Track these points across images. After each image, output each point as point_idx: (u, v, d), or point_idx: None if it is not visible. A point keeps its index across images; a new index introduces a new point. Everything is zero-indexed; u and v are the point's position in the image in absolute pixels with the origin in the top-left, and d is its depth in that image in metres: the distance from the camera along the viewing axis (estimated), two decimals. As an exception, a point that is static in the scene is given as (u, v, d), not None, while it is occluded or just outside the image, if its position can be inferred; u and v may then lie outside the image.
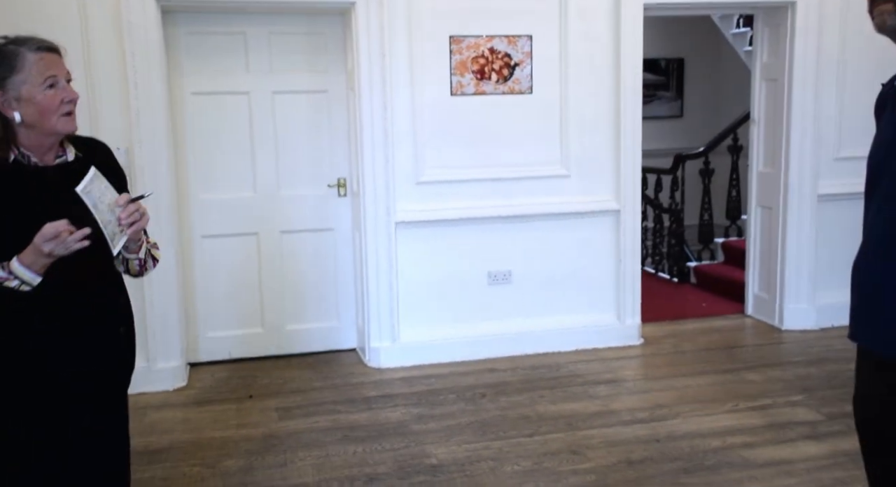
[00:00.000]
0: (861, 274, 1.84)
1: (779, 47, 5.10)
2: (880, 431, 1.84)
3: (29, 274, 1.86)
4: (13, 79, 1.92)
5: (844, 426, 3.66)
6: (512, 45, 4.59)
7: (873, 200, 1.84)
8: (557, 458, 3.45)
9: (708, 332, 5.27)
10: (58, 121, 1.96)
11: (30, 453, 2.01)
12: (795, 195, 5.10)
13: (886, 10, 1.65)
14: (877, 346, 1.78)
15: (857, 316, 1.86)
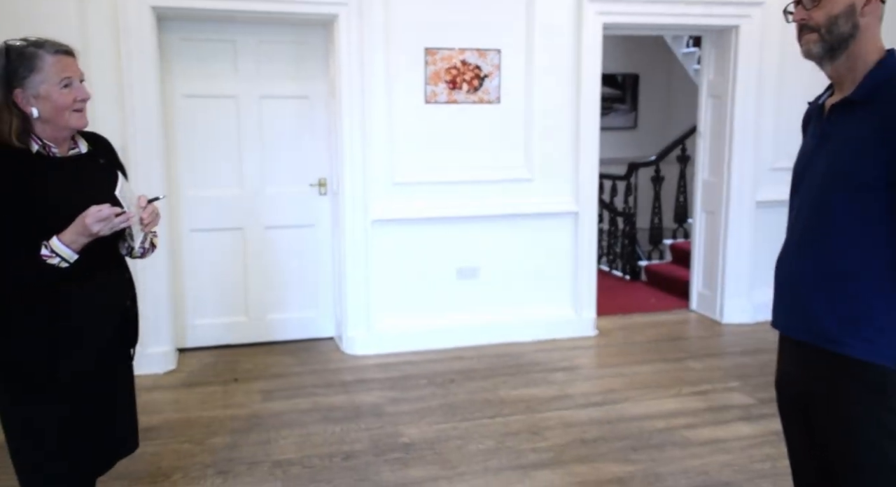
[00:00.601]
0: (781, 269, 1.94)
1: (724, 67, 5.20)
2: (797, 406, 1.94)
3: (68, 252, 1.91)
4: (32, 78, 1.96)
5: (775, 409, 3.67)
6: (482, 57, 4.65)
7: (792, 206, 1.94)
8: (518, 438, 3.51)
9: (656, 325, 5.36)
10: (70, 116, 2.01)
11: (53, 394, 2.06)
12: (736, 201, 5.21)
13: (812, 40, 1.76)
14: (795, 332, 1.88)
15: (777, 306, 1.96)
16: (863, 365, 1.73)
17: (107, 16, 4.01)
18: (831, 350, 1.77)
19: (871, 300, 1.73)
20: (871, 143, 1.67)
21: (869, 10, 1.71)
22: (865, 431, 1.75)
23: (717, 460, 3.28)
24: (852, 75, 1.75)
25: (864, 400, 1.74)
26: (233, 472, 3.18)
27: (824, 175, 1.79)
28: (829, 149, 1.79)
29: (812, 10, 1.74)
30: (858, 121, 1.71)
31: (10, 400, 2.07)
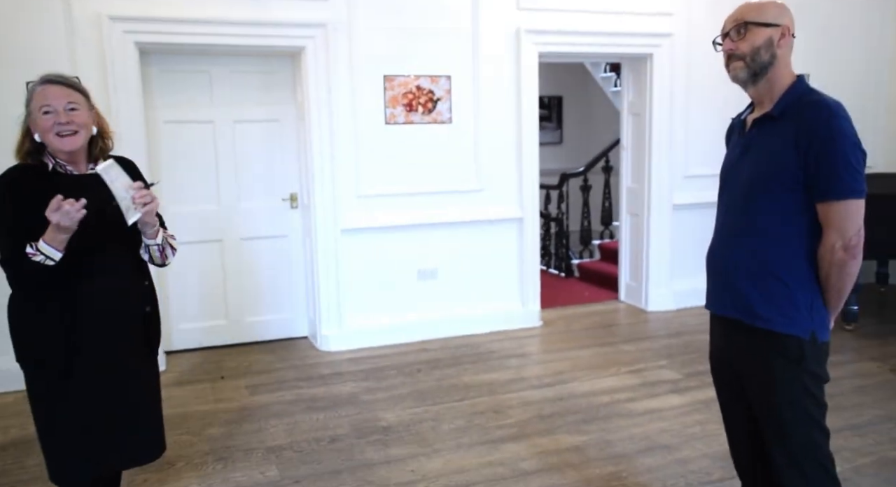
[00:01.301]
0: (713, 259, 2.08)
1: (641, 89, 5.41)
2: (729, 375, 2.09)
3: (50, 249, 1.92)
4: (29, 107, 2.05)
5: (699, 382, 3.96)
6: (435, 83, 4.75)
7: (720, 205, 2.08)
8: (484, 416, 3.59)
9: (591, 315, 5.51)
10: (53, 139, 2.03)
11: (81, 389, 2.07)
12: (656, 205, 5.42)
13: (738, 67, 1.92)
14: (726, 311, 2.02)
15: (710, 290, 2.10)
16: (784, 338, 1.88)
17: (95, 51, 3.96)
18: (758, 326, 1.91)
19: (789, 283, 1.88)
20: (787, 151, 1.82)
21: (783, 43, 1.88)
22: (788, 391, 1.90)
23: (656, 427, 3.43)
24: (770, 95, 1.91)
25: (786, 366, 1.88)
26: (231, 458, 3.18)
27: (748, 178, 1.92)
28: (752, 157, 1.93)
29: (738, 42, 1.88)
30: (776, 133, 1.86)
31: (35, 392, 2.10)
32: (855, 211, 1.80)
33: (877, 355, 4.39)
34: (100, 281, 2.05)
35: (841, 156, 1.77)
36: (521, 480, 2.94)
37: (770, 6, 1.88)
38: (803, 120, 1.80)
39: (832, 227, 1.81)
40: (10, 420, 3.64)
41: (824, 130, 1.77)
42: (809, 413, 1.90)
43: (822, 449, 1.93)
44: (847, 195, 1.78)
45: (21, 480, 3.01)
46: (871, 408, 3.58)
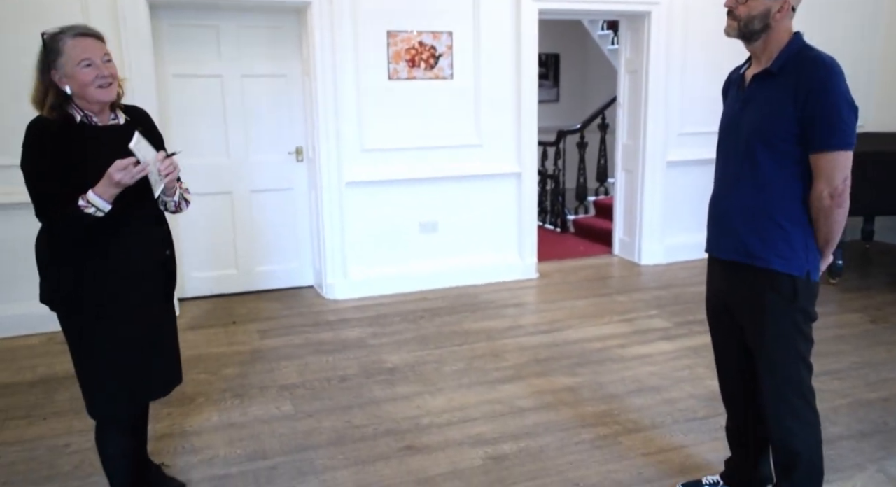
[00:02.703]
0: (715, 206, 2.19)
1: (638, 47, 5.46)
2: (725, 313, 2.23)
3: (101, 202, 1.99)
4: (59, 60, 2.03)
5: (688, 330, 4.13)
6: (437, 39, 4.78)
7: (720, 155, 2.18)
8: (483, 360, 3.76)
9: (586, 268, 5.65)
10: (95, 91, 2.06)
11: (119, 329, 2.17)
12: (650, 162, 5.51)
13: (732, 26, 2.02)
14: (726, 254, 2.14)
15: (711, 235, 2.21)
16: (780, 276, 2.00)
17: (107, 5, 4.00)
18: (756, 265, 2.02)
19: (785, 226, 1.99)
20: (785, 105, 1.91)
21: (780, 15, 1.95)
22: (780, 326, 2.03)
23: (645, 370, 3.59)
24: (768, 52, 1.99)
25: (780, 303, 2.01)
26: (247, 395, 3.34)
27: (748, 130, 2.01)
28: (752, 110, 2.01)
29: (739, 5, 1.96)
30: (775, 87, 1.95)
31: (75, 329, 2.18)
32: (843, 162, 1.89)
33: (858, 307, 4.55)
34: (126, 228, 2.13)
35: (835, 111, 1.86)
36: (519, 416, 3.11)
37: None
38: (802, 76, 1.88)
39: (821, 176, 1.91)
40: (37, 359, 3.80)
41: (821, 86, 1.85)
42: (798, 348, 2.05)
43: (805, 382, 2.08)
44: (838, 147, 1.88)
45: (53, 412, 3.17)
46: (849, 356, 3.75)
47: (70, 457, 2.79)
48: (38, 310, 4.18)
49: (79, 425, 3.04)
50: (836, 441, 2.85)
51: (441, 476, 2.64)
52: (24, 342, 4.06)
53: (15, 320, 4.13)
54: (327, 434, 2.97)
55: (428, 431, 2.98)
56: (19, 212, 4.06)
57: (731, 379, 2.33)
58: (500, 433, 2.96)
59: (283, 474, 2.67)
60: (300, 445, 2.88)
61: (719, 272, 2.21)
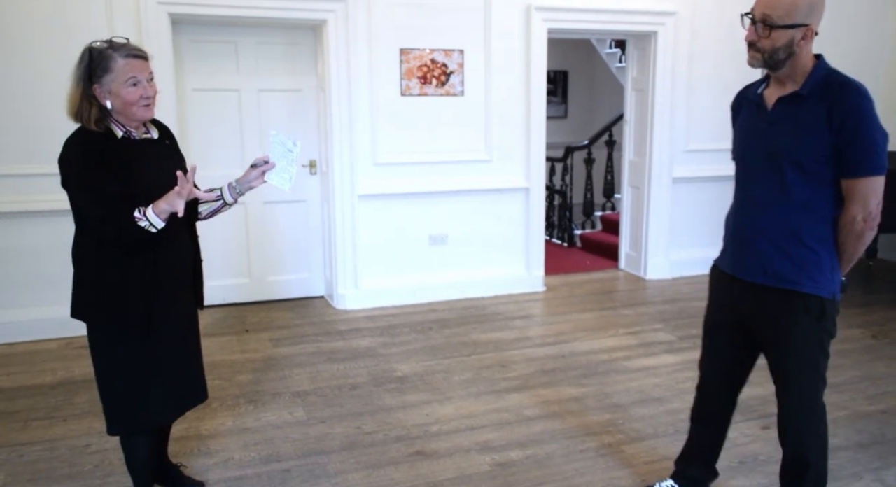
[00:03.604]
0: (738, 224, 2.18)
1: (645, 66, 5.56)
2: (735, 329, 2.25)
3: (156, 219, 2.09)
4: (106, 77, 2.10)
5: (692, 344, 4.20)
6: (448, 56, 4.91)
7: (742, 175, 2.18)
8: (491, 370, 3.84)
9: (592, 282, 5.74)
10: (138, 110, 2.14)
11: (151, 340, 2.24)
12: (656, 178, 5.60)
13: (756, 57, 2.00)
14: (750, 276, 2.12)
15: (731, 253, 2.19)
16: (809, 298, 2.02)
17: (131, 21, 4.15)
18: (786, 287, 2.03)
19: (815, 248, 2.01)
20: (819, 128, 1.92)
21: (804, 42, 1.96)
22: (806, 348, 2.07)
23: (650, 382, 3.67)
24: (793, 76, 2.00)
25: (808, 323, 2.03)
26: (261, 401, 3.44)
27: (776, 151, 2.01)
28: (781, 132, 2.01)
29: (761, 38, 1.96)
30: (807, 110, 1.95)
31: (106, 341, 2.24)
32: (878, 186, 1.93)
33: (861, 322, 4.62)
34: (168, 241, 2.20)
35: (869, 136, 1.89)
36: (526, 424, 3.19)
37: (801, 5, 1.91)
38: (836, 101, 1.91)
39: (856, 200, 1.94)
40: (56, 363, 3.90)
41: (856, 112, 1.89)
42: (819, 365, 2.10)
43: (822, 398, 2.16)
44: (873, 172, 1.91)
45: (73, 414, 3.28)
46: (850, 369, 3.82)
47: (90, 457, 2.89)
48: (55, 315, 4.33)
49: (98, 426, 3.13)
50: (835, 452, 2.91)
51: (450, 480, 2.72)
52: (44, 346, 4.17)
53: (35, 324, 4.24)
54: (339, 439, 3.06)
55: (437, 438, 3.07)
56: (39, 220, 4.20)
57: (713, 394, 2.40)
58: (508, 440, 3.04)
59: (297, 477, 2.75)
60: (312, 449, 2.97)
61: (736, 291, 2.19)
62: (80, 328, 4.35)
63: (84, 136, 2.14)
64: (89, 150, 2.11)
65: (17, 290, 4.23)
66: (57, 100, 4.09)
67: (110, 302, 2.18)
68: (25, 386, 3.62)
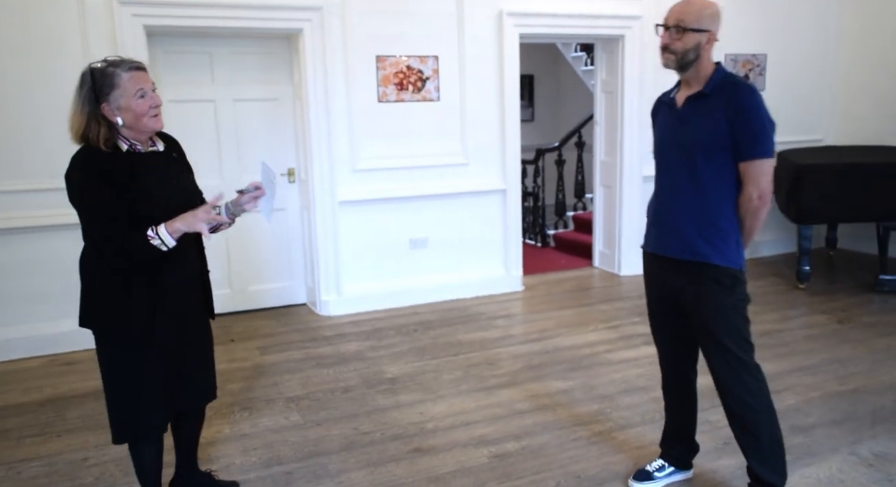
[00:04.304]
0: (658, 210, 2.49)
1: (613, 68, 5.74)
2: (668, 302, 2.52)
3: (169, 239, 2.13)
4: (113, 94, 2.14)
5: None
6: (423, 63, 5.02)
7: (661, 167, 2.50)
8: (479, 368, 3.94)
9: (569, 280, 5.89)
10: (149, 120, 2.19)
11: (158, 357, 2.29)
12: (627, 177, 5.77)
13: (670, 59, 2.38)
14: (672, 252, 2.41)
15: (654, 235, 2.52)
16: (720, 269, 2.32)
17: (107, 34, 4.15)
18: (700, 260, 2.34)
19: (723, 225, 2.32)
20: (719, 120, 2.26)
21: (708, 46, 2.33)
22: (722, 309, 2.35)
23: (633, 372, 3.82)
24: (698, 78, 2.36)
25: (722, 291, 2.34)
26: (254, 408, 3.48)
27: (689, 143, 2.33)
28: (690, 126, 2.35)
29: (674, 40, 2.31)
30: (710, 106, 2.32)
31: (112, 350, 2.28)
32: (768, 168, 2.27)
33: (826, 309, 4.84)
34: (174, 253, 2.22)
35: (759, 126, 2.24)
36: (518, 418, 3.30)
37: (706, 13, 2.29)
38: (732, 97, 2.26)
39: (751, 181, 2.27)
40: (42, 381, 3.89)
41: (748, 106, 2.23)
42: (740, 328, 2.37)
43: (751, 359, 2.40)
44: (763, 155, 2.26)
45: (66, 429, 3.28)
46: (819, 353, 4.02)
47: (90, 470, 2.91)
48: (37, 333, 4.32)
49: (94, 440, 3.15)
50: (812, 430, 3.09)
51: (450, 474, 2.82)
52: (26, 364, 4.15)
53: (15, 343, 4.21)
54: (337, 440, 3.13)
55: (433, 434, 3.16)
56: (18, 238, 4.18)
57: (670, 365, 2.65)
58: (502, 433, 3.15)
59: (300, 478, 2.82)
60: (312, 451, 3.03)
61: (663, 268, 2.49)
62: (63, 345, 4.40)
63: (89, 152, 2.17)
64: (95, 166, 2.15)
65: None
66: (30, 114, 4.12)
67: (115, 314, 2.23)
68: (13, 404, 3.60)
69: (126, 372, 2.28)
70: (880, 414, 3.23)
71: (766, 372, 3.73)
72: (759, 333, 4.33)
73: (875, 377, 3.66)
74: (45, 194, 4.10)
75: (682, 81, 2.41)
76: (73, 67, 4.11)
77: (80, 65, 4.09)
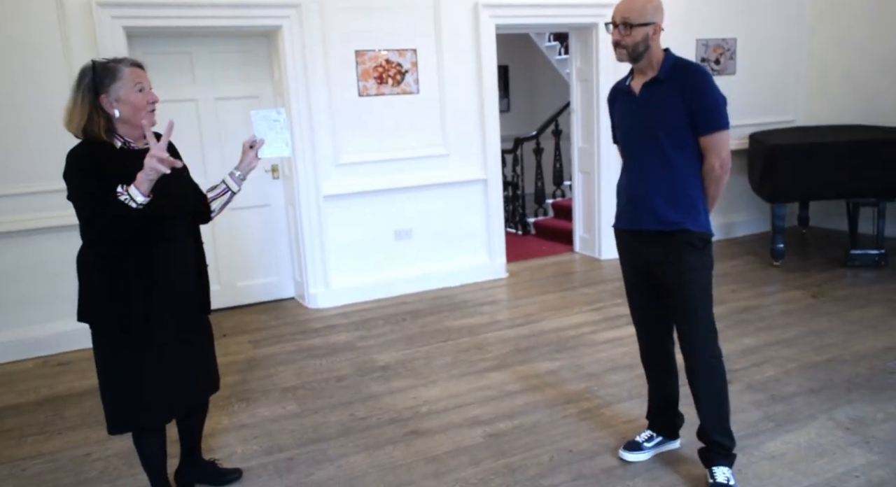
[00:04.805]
0: (629, 188, 2.61)
1: (588, 57, 5.85)
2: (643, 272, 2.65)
3: (137, 193, 2.11)
4: (114, 85, 2.22)
5: None
6: (402, 56, 5.08)
7: (627, 148, 2.63)
8: (468, 353, 4.04)
9: (551, 265, 5.99)
10: (145, 115, 2.26)
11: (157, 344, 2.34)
12: (605, 163, 5.88)
13: (622, 53, 2.52)
14: (645, 226, 2.54)
15: (626, 213, 2.64)
16: (692, 234, 2.48)
17: (87, 36, 4.16)
18: (675, 229, 2.47)
19: (692, 195, 2.48)
20: (676, 101, 2.42)
21: (656, 36, 2.46)
22: (692, 270, 2.50)
23: (618, 351, 3.94)
24: (651, 65, 2.51)
25: (695, 254, 2.49)
26: (251, 399, 3.55)
27: (652, 125, 2.48)
28: (650, 109, 2.50)
29: (624, 37, 2.45)
30: (666, 89, 2.46)
31: (107, 344, 2.32)
32: (726, 139, 2.45)
33: (800, 285, 5.00)
34: (169, 246, 2.30)
35: (713, 102, 2.41)
36: (509, 398, 3.40)
37: (648, 7, 2.43)
38: (685, 79, 2.43)
39: (712, 152, 2.45)
40: (37, 382, 3.92)
41: (701, 86, 2.41)
42: (708, 289, 2.53)
43: (712, 318, 2.55)
44: (722, 128, 2.43)
45: (66, 427, 3.33)
46: (796, 327, 4.17)
47: (94, 464, 2.96)
48: (30, 335, 4.35)
49: (95, 436, 3.20)
50: (791, 398, 3.23)
51: (447, 453, 2.91)
52: (20, 366, 4.17)
53: (8, 346, 4.23)
54: (335, 426, 3.21)
55: (428, 417, 3.25)
56: (7, 242, 4.19)
57: (647, 336, 2.78)
58: (495, 414, 3.24)
59: (301, 463, 2.89)
60: (311, 438, 3.11)
61: (638, 242, 2.61)
62: (56, 346, 4.43)
63: (85, 148, 2.23)
64: (88, 161, 2.20)
65: (-12, 312, 4.22)
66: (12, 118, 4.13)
67: (112, 309, 2.27)
68: (10, 405, 3.63)
69: (123, 366, 2.32)
70: (855, 382, 3.38)
71: (746, 346, 3.91)
72: (737, 310, 4.49)
73: (849, 347, 3.82)
74: (31, 197, 4.13)
75: (635, 70, 2.56)
76: (54, 70, 4.19)
77: (62, 68, 4.17)
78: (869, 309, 4.42)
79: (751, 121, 6.34)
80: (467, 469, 2.78)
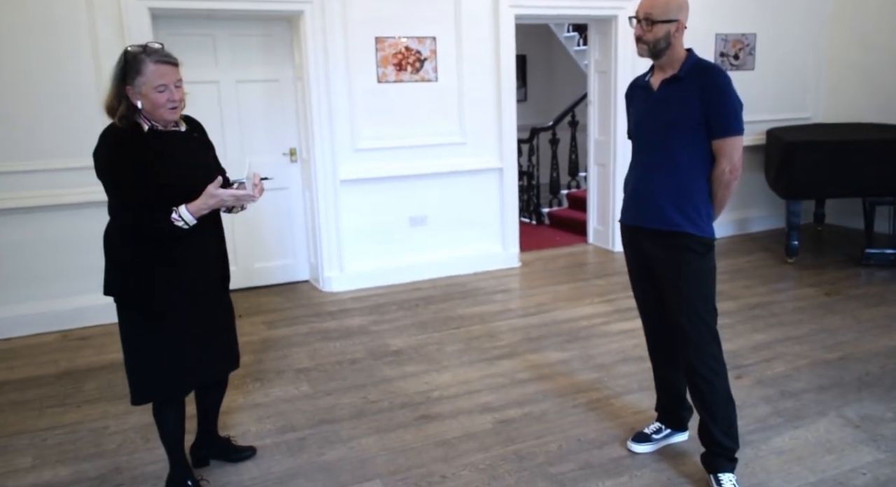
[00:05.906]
0: (636, 184, 2.58)
1: (606, 48, 5.81)
2: (646, 270, 2.63)
3: (190, 218, 2.25)
4: (137, 80, 2.23)
5: None
6: (421, 44, 5.06)
7: (638, 145, 2.60)
8: (480, 340, 4.05)
9: (564, 256, 5.99)
10: (164, 112, 2.28)
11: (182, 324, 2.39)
12: (621, 156, 5.83)
13: (643, 49, 2.50)
14: (650, 224, 2.52)
15: (631, 208, 2.62)
16: (694, 238, 2.44)
17: (113, 17, 4.19)
18: (676, 230, 2.45)
19: (696, 198, 2.44)
20: (693, 101, 2.38)
21: (678, 34, 2.43)
22: (692, 275, 2.47)
23: (629, 343, 3.93)
24: (671, 63, 2.47)
25: (693, 258, 2.46)
26: (265, 379, 3.58)
27: (665, 122, 2.44)
28: (667, 106, 2.46)
29: (646, 32, 2.42)
30: (684, 88, 2.42)
31: (131, 318, 2.37)
32: (739, 144, 2.41)
33: (814, 282, 4.97)
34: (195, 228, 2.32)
35: (730, 106, 2.37)
36: (519, 386, 3.42)
37: (672, 4, 2.40)
38: (705, 80, 2.39)
39: (723, 156, 2.40)
40: (57, 355, 3.98)
41: (720, 88, 2.36)
42: (708, 294, 2.50)
43: (715, 326, 2.52)
44: (735, 132, 2.39)
45: (85, 400, 3.38)
46: (807, 324, 4.15)
47: (112, 437, 3.01)
48: (50, 309, 4.40)
49: (113, 410, 3.25)
50: (801, 394, 3.22)
51: (457, 438, 2.93)
52: (41, 339, 4.23)
53: (31, 319, 4.29)
54: (347, 408, 3.23)
55: (439, 402, 3.27)
56: (26, 217, 4.24)
57: (651, 330, 2.77)
58: (505, 401, 3.26)
59: (313, 443, 2.93)
60: (323, 419, 3.14)
61: (641, 238, 2.59)
62: (77, 321, 4.48)
63: (111, 133, 2.27)
64: (117, 145, 2.24)
65: (11, 286, 4.27)
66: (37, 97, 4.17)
67: (135, 284, 2.32)
68: (31, 377, 3.69)
69: (147, 339, 2.37)
70: (866, 380, 3.37)
71: (757, 342, 3.89)
72: (749, 305, 4.47)
73: (861, 345, 3.80)
74: (53, 174, 4.17)
75: (655, 66, 2.53)
76: (80, 51, 4.22)
77: (87, 48, 4.19)
78: (883, 308, 4.39)
79: (768, 117, 6.28)
80: (476, 455, 2.80)
